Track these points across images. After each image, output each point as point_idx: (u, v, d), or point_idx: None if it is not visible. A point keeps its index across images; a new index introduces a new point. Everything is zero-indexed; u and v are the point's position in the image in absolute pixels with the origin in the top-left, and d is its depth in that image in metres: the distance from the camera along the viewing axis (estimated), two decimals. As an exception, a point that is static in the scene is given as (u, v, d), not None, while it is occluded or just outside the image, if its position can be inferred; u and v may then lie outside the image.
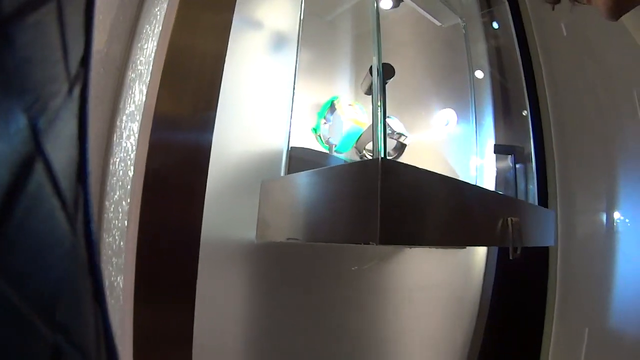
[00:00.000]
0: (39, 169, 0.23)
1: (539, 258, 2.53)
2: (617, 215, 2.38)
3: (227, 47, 1.26)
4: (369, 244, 0.86)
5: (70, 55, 0.27)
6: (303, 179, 1.14)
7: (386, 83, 1.11)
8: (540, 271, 2.56)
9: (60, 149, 0.26)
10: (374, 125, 1.05)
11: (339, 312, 1.57)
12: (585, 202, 2.57)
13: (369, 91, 1.11)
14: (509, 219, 1.31)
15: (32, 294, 0.22)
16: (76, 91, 0.28)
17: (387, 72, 1.10)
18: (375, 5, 1.17)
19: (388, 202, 0.87)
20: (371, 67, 1.12)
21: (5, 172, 0.20)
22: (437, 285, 2.03)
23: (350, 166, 1.00)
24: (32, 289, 0.22)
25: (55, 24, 0.25)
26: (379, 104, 1.05)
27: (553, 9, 1.03)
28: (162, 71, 1.10)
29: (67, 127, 0.27)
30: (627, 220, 2.35)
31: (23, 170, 0.22)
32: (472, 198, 1.21)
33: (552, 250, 2.56)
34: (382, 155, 1.00)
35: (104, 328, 0.31)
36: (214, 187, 1.21)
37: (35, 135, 0.23)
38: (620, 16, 0.78)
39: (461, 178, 2.11)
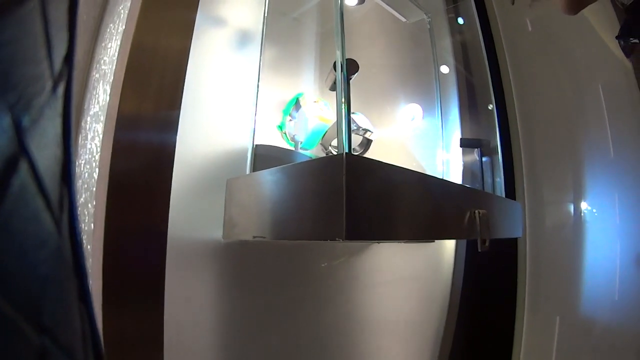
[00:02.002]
0: (23, 168, 0.23)
1: (508, 250, 2.56)
2: (584, 205, 2.43)
3: (190, 44, 1.25)
4: (335, 240, 0.86)
5: (54, 53, 0.27)
6: (268, 177, 1.13)
7: (350, 79, 1.11)
8: (510, 262, 2.60)
9: (44, 148, 0.26)
10: (338, 121, 1.05)
11: (309, 309, 1.56)
12: (553, 193, 2.62)
13: (333, 87, 1.10)
14: (476, 211, 1.32)
15: (17, 295, 0.22)
16: (60, 89, 0.28)
17: (350, 67, 1.10)
18: (339, 1, 1.17)
19: (353, 197, 0.87)
20: (335, 63, 1.11)
21: None
22: (407, 279, 2.04)
23: (315, 162, 0.99)
24: (16, 290, 0.22)
25: (39, 21, 0.25)
26: (342, 100, 1.05)
27: (513, 3, 1.04)
28: (125, 70, 1.09)
29: (51, 126, 0.27)
30: (594, 210, 2.40)
31: (7, 170, 0.22)
32: (439, 191, 1.22)
33: (521, 241, 2.60)
34: (347, 151, 0.99)
35: (90, 329, 0.30)
36: (179, 187, 1.20)
37: (19, 134, 0.23)
38: (579, 11, 0.79)
39: (428, 172, 2.11)
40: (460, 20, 2.36)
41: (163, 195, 1.15)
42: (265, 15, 1.52)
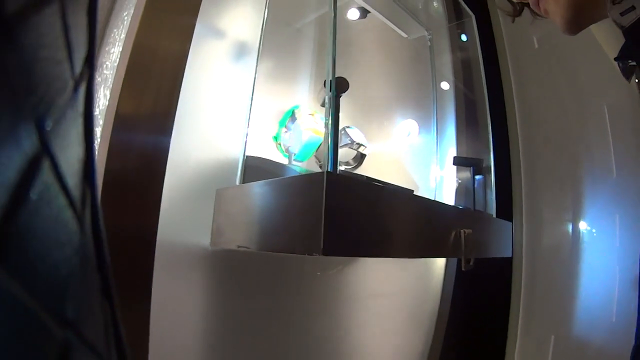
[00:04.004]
0: (45, 168, 0.23)
1: (502, 266, 2.56)
2: (583, 225, 2.43)
3: (189, 48, 1.28)
4: (312, 254, 0.88)
5: (74, 54, 0.27)
6: (255, 189, 1.16)
7: (340, 97, 1.13)
8: (503, 280, 2.60)
9: (66, 148, 0.26)
10: (325, 139, 1.07)
11: (297, 318, 1.58)
12: (552, 212, 2.62)
13: (324, 104, 1.13)
14: (461, 231, 1.33)
15: (41, 291, 0.22)
16: (81, 90, 0.29)
17: (341, 86, 1.12)
18: (333, 19, 1.19)
19: (332, 214, 0.89)
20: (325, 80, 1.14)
21: (12, 172, 0.21)
22: (396, 292, 2.04)
23: (298, 179, 1.02)
24: (41, 288, 0.22)
25: (59, 23, 0.25)
26: (328, 120, 1.08)
27: (513, 21, 1.06)
28: (125, 72, 1.11)
29: (73, 125, 0.28)
30: (593, 231, 2.39)
31: (30, 170, 0.22)
32: (423, 210, 1.23)
33: (516, 259, 2.60)
34: (330, 169, 1.02)
35: (113, 324, 0.31)
36: (171, 192, 1.22)
37: (42, 135, 0.23)
38: (579, 31, 0.81)
39: (421, 188, 2.15)
40: (464, 37, 2.37)
41: (154, 198, 1.17)
42: (264, 26, 1.53)
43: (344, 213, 0.94)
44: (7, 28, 0.21)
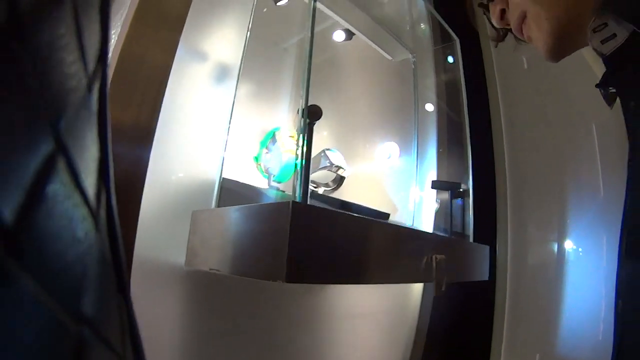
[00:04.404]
0: (61, 167, 0.24)
1: (485, 285, 2.57)
2: (569, 244, 2.44)
3: (172, 64, 1.31)
4: (276, 281, 0.90)
5: (87, 53, 0.28)
6: (227, 214, 1.18)
7: (313, 124, 1.15)
8: (486, 298, 2.60)
9: (81, 147, 0.27)
10: (296, 168, 1.09)
11: (276, 339, 1.59)
12: (538, 231, 2.63)
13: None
14: (434, 256, 1.35)
15: (59, 290, 0.23)
16: (95, 88, 0.29)
17: (314, 114, 1.14)
18: (309, 47, 1.21)
19: (297, 243, 0.91)
20: (299, 108, 1.16)
21: (28, 172, 0.21)
22: (375, 312, 2.05)
23: (266, 207, 1.04)
24: (58, 285, 0.23)
25: (72, 22, 0.26)
26: (298, 152, 1.10)
27: (496, 46, 1.08)
28: (111, 81, 1.13)
29: (87, 124, 0.28)
30: (579, 250, 2.41)
31: (45, 170, 0.22)
32: (393, 237, 1.25)
33: (500, 278, 2.61)
34: (298, 199, 1.04)
35: (129, 320, 0.32)
36: (148, 208, 1.23)
37: (57, 135, 0.24)
38: (561, 59, 0.83)
39: (400, 211, 2.17)
40: (450, 59, 2.39)
41: (133, 214, 1.18)
42: (245, 46, 1.54)
43: (310, 241, 0.96)
44: (21, 28, 0.21)
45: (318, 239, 0.99)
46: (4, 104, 0.20)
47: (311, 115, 1.13)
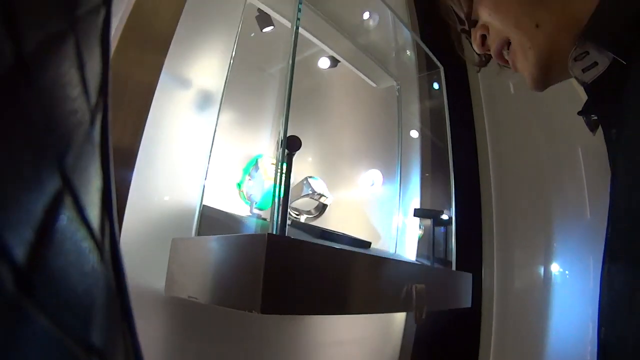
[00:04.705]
0: (67, 204, 0.24)
1: (470, 311, 2.56)
2: (555, 267, 2.44)
3: (156, 85, 1.31)
4: (252, 312, 0.91)
5: (89, 86, 0.28)
6: (206, 244, 1.18)
7: (293, 155, 1.16)
8: (472, 323, 2.59)
9: (86, 181, 0.27)
10: (273, 199, 1.10)
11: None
12: (524, 255, 2.63)
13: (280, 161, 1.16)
14: (413, 286, 1.35)
15: (69, 323, 0.23)
16: (97, 121, 0.29)
17: (293, 144, 1.15)
18: (289, 77, 1.22)
19: (273, 275, 0.91)
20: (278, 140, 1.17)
21: (37, 210, 0.22)
22: (358, 339, 2.04)
23: (243, 238, 1.04)
24: (68, 318, 0.23)
25: (75, 59, 0.26)
26: (276, 183, 1.11)
27: (478, 71, 1.08)
28: None
29: (91, 158, 0.28)
30: (566, 272, 2.41)
31: (53, 208, 0.23)
32: (372, 267, 1.25)
33: (486, 303, 2.61)
34: (275, 231, 1.05)
35: (133, 347, 0.32)
36: (129, 231, 1.24)
37: (63, 172, 0.24)
38: (546, 88, 0.83)
39: (383, 238, 2.17)
40: (436, 86, 2.40)
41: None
42: (229, 73, 1.55)
43: (286, 273, 0.96)
44: (28, 70, 0.22)
45: (295, 270, 0.99)
46: (13, 144, 0.21)
47: (290, 146, 1.14)
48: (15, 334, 0.19)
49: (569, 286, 2.38)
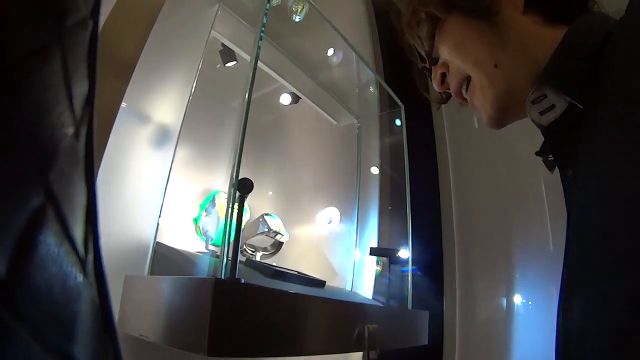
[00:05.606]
0: (50, 217, 0.24)
1: (432, 346, 2.55)
2: (518, 299, 2.46)
3: (116, 114, 1.32)
4: (199, 354, 0.91)
5: (75, 99, 0.28)
6: (157, 283, 1.19)
7: (245, 197, 1.16)
8: (435, 357, 2.60)
9: (69, 195, 0.27)
10: (223, 240, 1.10)
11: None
12: (486, 287, 2.65)
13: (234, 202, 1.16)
14: (365, 326, 1.36)
15: (50, 337, 0.23)
16: (82, 134, 0.29)
17: (245, 187, 1.15)
18: (243, 123, 1.23)
19: (219, 318, 0.91)
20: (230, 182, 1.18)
21: (19, 223, 0.21)
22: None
23: (192, 280, 1.03)
24: (49, 332, 0.23)
25: (61, 72, 0.26)
26: (226, 225, 1.11)
27: (438, 108, 1.09)
28: None
29: (75, 171, 0.28)
30: (529, 303, 2.43)
31: (35, 221, 0.23)
32: (321, 310, 1.26)
33: (448, 336, 2.61)
34: (223, 276, 1.05)
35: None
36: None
37: (46, 185, 0.24)
38: (503, 127, 0.84)
39: (339, 276, 2.17)
40: (398, 122, 2.41)
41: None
42: (188, 106, 1.55)
43: (234, 317, 0.96)
44: (11, 81, 0.22)
45: (242, 313, 0.99)
46: None
47: (242, 188, 1.14)
48: None
49: (532, 317, 2.40)
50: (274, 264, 1.61)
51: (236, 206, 1.11)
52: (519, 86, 0.73)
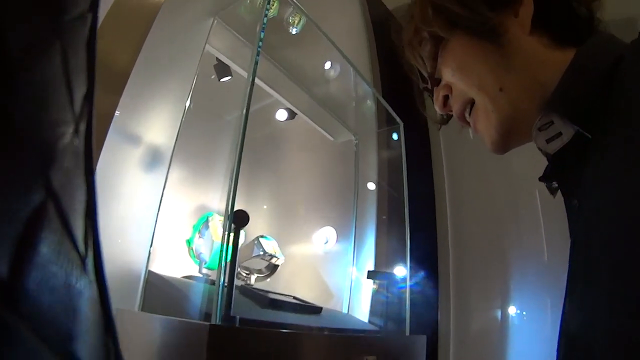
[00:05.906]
0: (51, 214, 0.24)
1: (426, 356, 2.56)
2: (512, 310, 2.45)
3: (108, 129, 1.29)
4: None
5: (75, 94, 0.27)
6: (150, 321, 1.16)
7: (240, 230, 1.13)
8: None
9: (70, 192, 0.27)
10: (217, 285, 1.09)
11: None
12: (481, 299, 2.65)
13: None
14: (365, 357, 1.34)
15: (53, 336, 0.23)
16: (81, 129, 0.29)
17: (240, 220, 1.12)
18: (238, 153, 1.20)
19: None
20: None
21: (21, 220, 0.21)
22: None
23: (186, 323, 1.02)
24: (52, 332, 0.23)
25: (61, 66, 0.26)
26: (220, 266, 1.09)
27: (439, 129, 1.06)
28: None
29: (75, 168, 0.28)
30: (524, 314, 2.42)
31: (37, 217, 0.23)
32: (318, 345, 1.23)
33: (442, 348, 2.61)
34: (218, 321, 1.03)
35: (116, 359, 0.31)
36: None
37: (47, 181, 0.24)
38: (505, 152, 0.81)
39: (335, 297, 2.14)
40: (395, 136, 2.38)
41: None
42: (181, 125, 1.53)
43: (228, 357, 0.95)
44: (10, 76, 0.22)
45: (237, 354, 0.97)
46: None
47: (238, 220, 1.12)
48: None
49: (527, 327, 2.40)
50: (269, 289, 1.58)
51: (231, 237, 1.09)
52: (524, 111, 0.70)
